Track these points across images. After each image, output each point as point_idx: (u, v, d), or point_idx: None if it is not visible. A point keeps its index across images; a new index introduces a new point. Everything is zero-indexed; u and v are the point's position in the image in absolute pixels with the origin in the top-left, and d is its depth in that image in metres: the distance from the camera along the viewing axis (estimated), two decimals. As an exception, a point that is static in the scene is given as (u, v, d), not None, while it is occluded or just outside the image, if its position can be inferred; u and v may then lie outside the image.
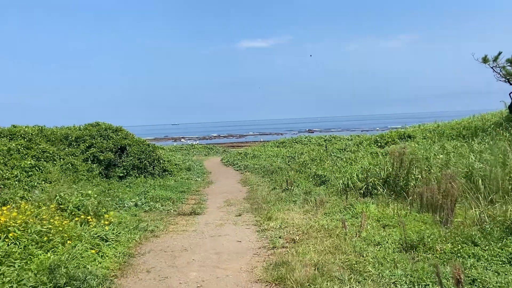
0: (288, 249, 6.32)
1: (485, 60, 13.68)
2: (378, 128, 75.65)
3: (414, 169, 9.02)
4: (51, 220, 6.48)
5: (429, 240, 5.67)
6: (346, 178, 10.76)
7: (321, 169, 14.08)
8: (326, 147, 16.51)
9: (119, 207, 10.32)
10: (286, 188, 11.91)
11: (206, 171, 20.55)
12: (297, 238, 6.81)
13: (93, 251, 6.00)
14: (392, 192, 8.97)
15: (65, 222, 6.69)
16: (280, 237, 7.06)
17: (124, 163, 15.67)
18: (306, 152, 21.46)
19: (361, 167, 12.25)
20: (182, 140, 59.66)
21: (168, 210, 10.19)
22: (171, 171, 17.50)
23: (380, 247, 5.82)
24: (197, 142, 55.03)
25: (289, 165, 17.75)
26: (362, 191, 9.37)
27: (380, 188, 9.26)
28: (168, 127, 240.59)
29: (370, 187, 9.29)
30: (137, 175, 15.82)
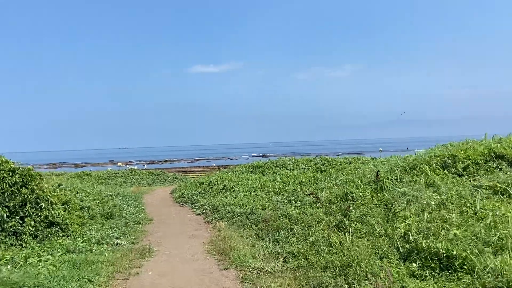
0: None
1: None
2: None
3: None
4: None
5: None
6: None
7: (417, 231, 5.86)
8: (377, 173, 8.48)
9: None
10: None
11: (144, 216, 11.67)
12: None
13: None
14: None
15: None
16: None
17: None
18: (307, 182, 13.24)
19: None
20: (119, 164, 49.26)
21: None
22: (65, 224, 8.52)
23: None
24: (145, 166, 47.18)
25: (298, 207, 9.42)
26: None
27: None
28: (116, 151, 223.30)
29: None
30: (-30, 241, 6.77)
